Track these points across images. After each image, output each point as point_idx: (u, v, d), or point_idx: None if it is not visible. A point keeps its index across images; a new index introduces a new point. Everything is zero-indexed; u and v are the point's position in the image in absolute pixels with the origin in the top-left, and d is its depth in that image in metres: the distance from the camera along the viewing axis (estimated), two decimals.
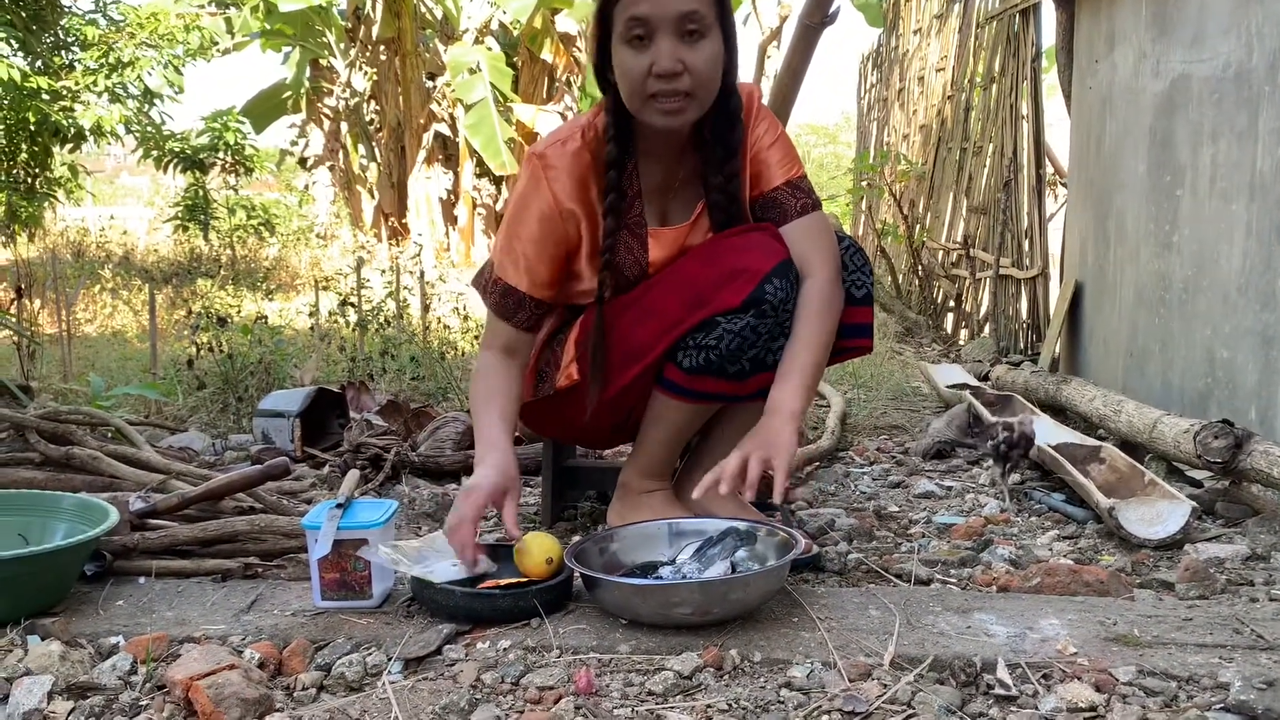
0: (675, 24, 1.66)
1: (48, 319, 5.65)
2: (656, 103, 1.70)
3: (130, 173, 27.87)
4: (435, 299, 5.52)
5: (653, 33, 1.67)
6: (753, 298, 1.74)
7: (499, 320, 1.84)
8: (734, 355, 1.79)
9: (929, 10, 7.20)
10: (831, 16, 3.47)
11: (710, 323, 1.77)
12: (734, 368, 1.80)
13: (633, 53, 1.69)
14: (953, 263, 6.05)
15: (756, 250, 1.78)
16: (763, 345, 1.79)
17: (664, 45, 1.67)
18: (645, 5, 1.66)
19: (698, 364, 1.79)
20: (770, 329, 1.78)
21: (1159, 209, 3.15)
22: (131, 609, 1.62)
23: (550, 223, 1.80)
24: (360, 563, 1.59)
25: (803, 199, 1.85)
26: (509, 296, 1.83)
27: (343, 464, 2.60)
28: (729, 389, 1.84)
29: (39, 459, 2.31)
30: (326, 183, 12.49)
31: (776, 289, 1.75)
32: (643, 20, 1.67)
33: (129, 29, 11.27)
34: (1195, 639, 1.48)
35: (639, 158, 1.83)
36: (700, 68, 1.69)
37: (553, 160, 1.79)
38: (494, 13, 10.71)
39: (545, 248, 1.81)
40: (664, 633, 1.49)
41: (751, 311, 1.75)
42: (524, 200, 1.82)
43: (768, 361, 1.81)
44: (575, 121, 1.86)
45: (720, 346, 1.77)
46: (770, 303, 1.75)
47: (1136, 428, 2.62)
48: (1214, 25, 2.84)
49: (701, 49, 1.69)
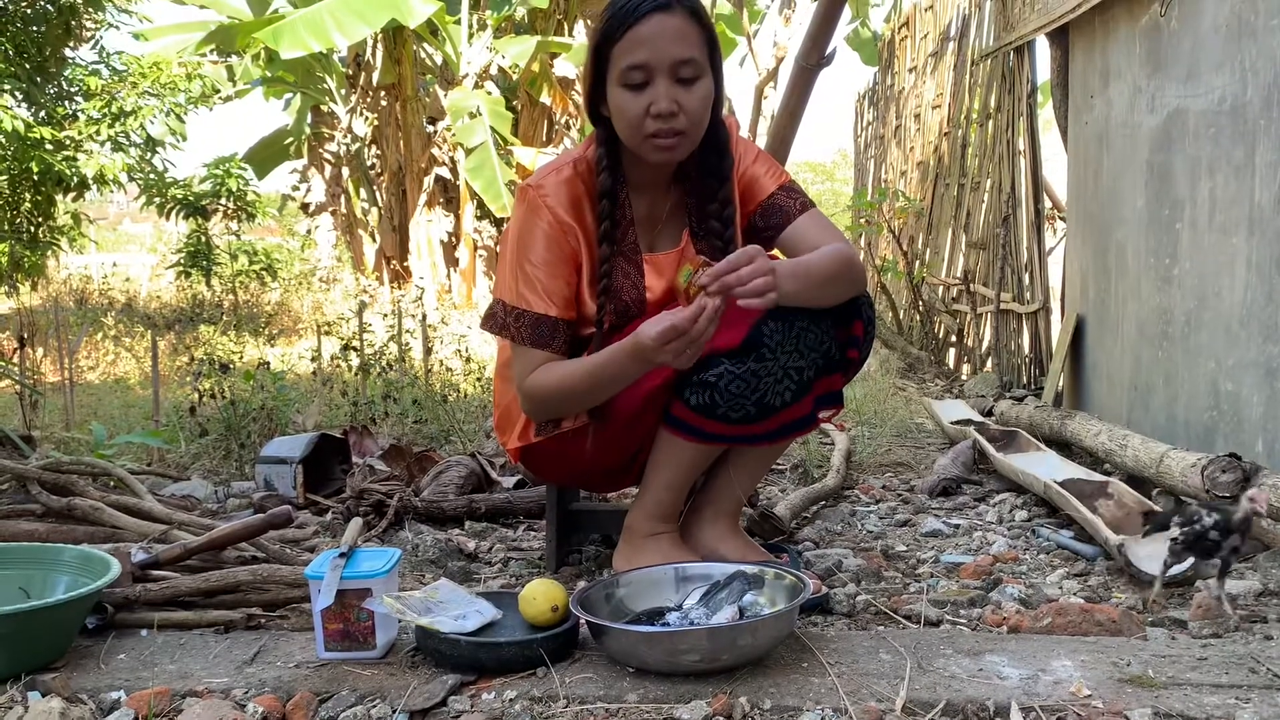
0: (671, 69, 1.75)
1: (50, 367, 5.66)
2: (653, 140, 1.78)
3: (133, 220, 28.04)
4: (437, 342, 5.52)
5: (650, 77, 1.75)
6: (750, 340, 1.75)
7: (535, 350, 1.84)
8: (739, 399, 1.78)
9: (924, 48, 7.26)
10: (828, 58, 3.50)
11: (712, 359, 1.77)
12: (738, 412, 1.80)
13: (631, 95, 1.77)
14: (953, 298, 6.05)
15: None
16: (768, 388, 1.79)
17: (661, 88, 1.75)
18: (644, 53, 1.74)
19: (705, 402, 1.79)
20: (773, 370, 1.78)
21: (1159, 242, 3.16)
22: (133, 663, 1.61)
23: (557, 242, 1.85)
24: (364, 613, 1.57)
25: (800, 198, 1.94)
26: (541, 324, 1.84)
27: (346, 510, 2.58)
28: (738, 431, 1.84)
29: (40, 510, 2.29)
30: (329, 227, 12.56)
31: (773, 330, 1.75)
32: (641, 66, 1.75)
33: (131, 79, 11.38)
34: (1211, 679, 1.46)
35: (629, 189, 1.90)
36: (694, 109, 1.78)
37: (548, 189, 1.85)
38: (493, 58, 10.81)
39: (558, 268, 1.85)
40: (672, 681, 1.47)
41: (753, 355, 1.76)
42: (526, 228, 1.85)
43: (776, 404, 1.81)
44: (566, 155, 1.92)
45: (722, 386, 1.77)
46: (768, 345, 1.75)
47: (1143, 462, 2.61)
48: (1207, 60, 2.86)
49: (695, 91, 1.78)
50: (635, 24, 1.74)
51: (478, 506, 2.63)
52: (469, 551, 2.36)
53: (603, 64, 1.80)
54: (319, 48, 8.76)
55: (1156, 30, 3.17)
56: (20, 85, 10.46)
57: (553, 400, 1.85)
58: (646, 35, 1.74)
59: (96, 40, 11.79)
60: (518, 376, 1.88)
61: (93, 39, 11.69)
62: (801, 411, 1.86)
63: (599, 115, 1.86)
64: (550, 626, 1.57)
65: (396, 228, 11.73)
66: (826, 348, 1.83)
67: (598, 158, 1.86)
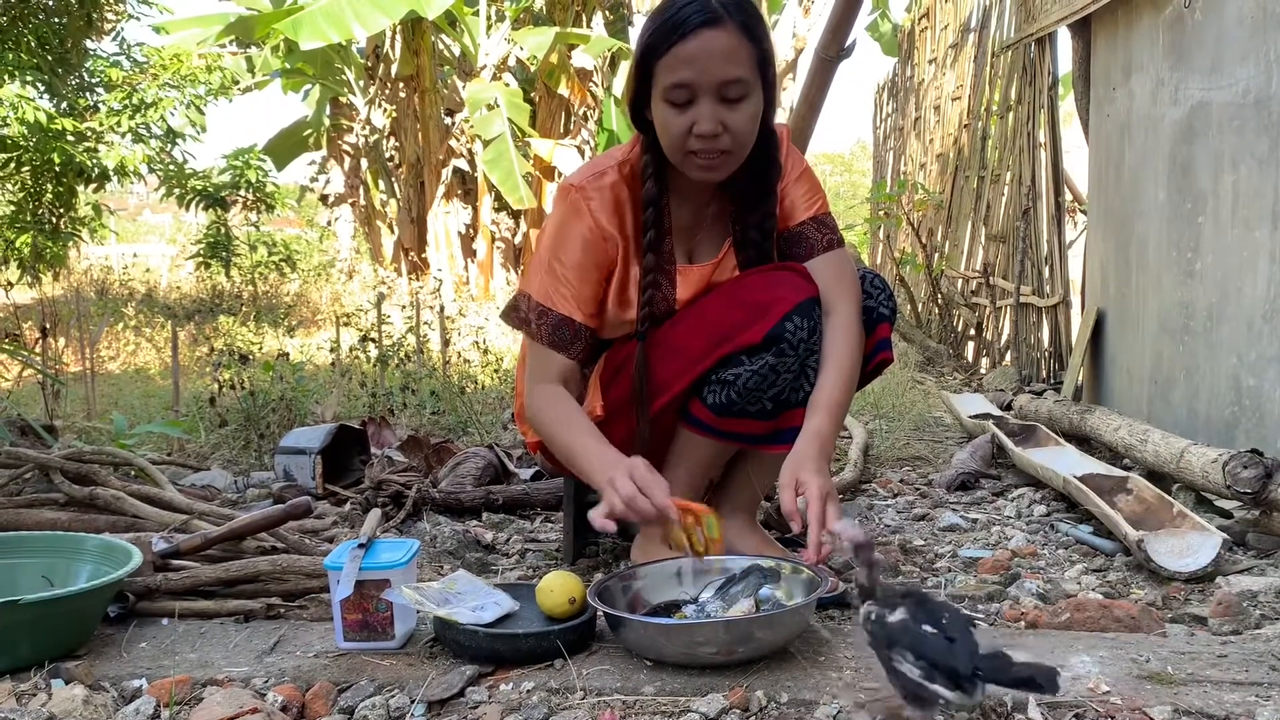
0: (717, 89, 1.68)
1: (72, 357, 5.70)
2: (695, 159, 1.73)
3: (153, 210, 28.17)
4: (455, 333, 5.54)
5: (695, 96, 1.68)
6: (772, 335, 1.74)
7: (553, 352, 1.83)
8: (755, 393, 1.78)
9: (944, 40, 7.22)
10: (848, 49, 3.48)
11: (733, 359, 1.77)
12: (755, 406, 1.80)
13: (675, 112, 1.70)
14: (973, 291, 6.02)
15: (781, 287, 1.78)
16: (785, 384, 1.79)
17: (705, 108, 1.68)
18: (689, 72, 1.67)
19: (721, 401, 1.79)
20: (792, 367, 1.77)
21: (1180, 236, 3.13)
22: (154, 651, 1.62)
23: (594, 248, 1.82)
24: (383, 604, 1.58)
25: (827, 235, 1.86)
26: (564, 328, 1.83)
27: (364, 501, 2.60)
28: (755, 428, 1.84)
29: (63, 499, 2.32)
30: (348, 219, 12.59)
31: (797, 327, 1.75)
32: (686, 85, 1.68)
33: (152, 70, 11.44)
34: (1231, 676, 1.45)
35: (670, 195, 1.85)
36: (740, 128, 1.71)
37: (591, 191, 1.82)
38: (511, 49, 10.80)
39: (589, 273, 1.83)
40: (689, 673, 1.47)
41: (772, 350, 1.75)
42: (565, 229, 1.83)
43: (793, 400, 1.81)
44: (609, 156, 1.87)
45: (740, 384, 1.77)
46: (790, 341, 1.75)
47: (1163, 458, 2.59)
48: (1231, 52, 2.83)
49: (742, 110, 1.70)
50: (681, 40, 1.66)
51: (495, 498, 2.64)
52: (486, 543, 2.37)
53: (647, 75, 1.73)
54: (338, 39, 8.77)
55: (1180, 22, 3.14)
56: (42, 77, 10.54)
57: (541, 429, 1.87)
58: (692, 53, 1.66)
59: (118, 32, 11.87)
60: (529, 375, 1.88)
61: (114, 31, 11.75)
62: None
63: (644, 120, 1.80)
64: (567, 618, 1.58)
65: (415, 219, 11.75)
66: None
67: (643, 165, 1.82)
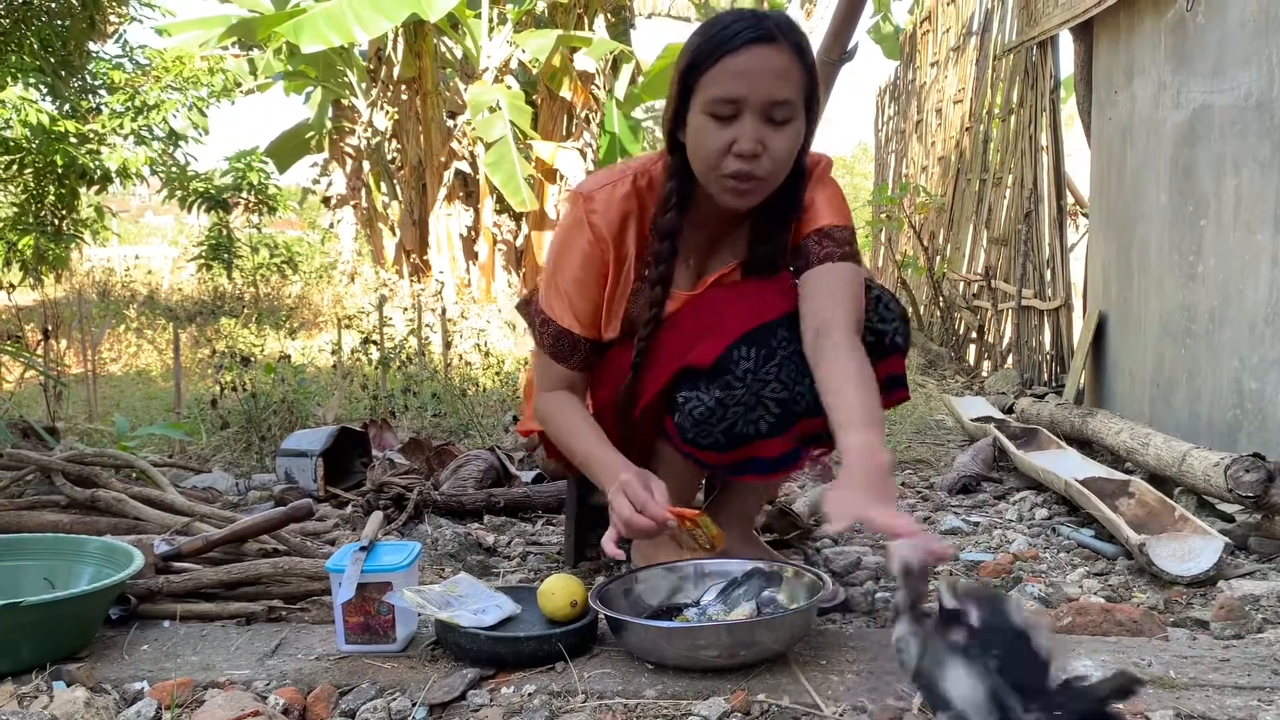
0: (764, 109, 1.61)
1: (74, 358, 5.71)
2: (729, 181, 1.65)
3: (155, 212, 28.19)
4: (456, 336, 5.54)
5: (740, 112, 1.61)
6: (719, 363, 1.68)
7: (554, 363, 1.83)
8: (705, 426, 1.72)
9: (946, 42, 7.22)
10: (850, 52, 3.47)
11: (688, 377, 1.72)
12: (708, 439, 1.73)
13: (715, 125, 1.63)
14: (974, 294, 6.02)
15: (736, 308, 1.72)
16: (736, 417, 1.71)
17: (748, 126, 1.61)
18: (739, 86, 1.60)
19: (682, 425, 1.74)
20: (742, 399, 1.69)
21: (1183, 239, 3.13)
22: (156, 653, 1.62)
23: (593, 261, 1.79)
24: (384, 606, 1.58)
25: (829, 248, 1.75)
26: (563, 339, 1.82)
27: (366, 503, 2.60)
28: (714, 459, 1.77)
29: (65, 501, 2.32)
30: (350, 221, 12.60)
31: (743, 356, 1.68)
32: (733, 100, 1.61)
33: (155, 73, 11.45)
34: (1233, 680, 1.45)
35: (688, 224, 1.79)
36: (780, 153, 1.64)
37: (598, 204, 1.77)
38: (513, 52, 10.80)
39: (588, 288, 1.81)
40: (690, 676, 1.47)
41: (718, 382, 1.69)
42: (567, 241, 1.81)
43: (749, 433, 1.72)
44: (627, 165, 1.83)
45: (691, 411, 1.71)
46: (734, 373, 1.68)
47: (1165, 461, 2.59)
48: (1233, 56, 2.83)
49: (784, 133, 1.64)
50: (732, 53, 1.60)
51: (496, 501, 2.64)
52: (488, 546, 2.37)
53: (688, 90, 1.65)
54: (340, 42, 8.78)
55: (1182, 25, 3.14)
56: (45, 79, 10.55)
57: (550, 431, 1.87)
58: (744, 68, 1.59)
59: (120, 35, 11.87)
60: (536, 379, 1.89)
61: (116, 33, 11.76)
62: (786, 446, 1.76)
63: (676, 141, 1.72)
64: (569, 621, 1.58)
65: (416, 222, 11.75)
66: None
67: (667, 192, 1.75)
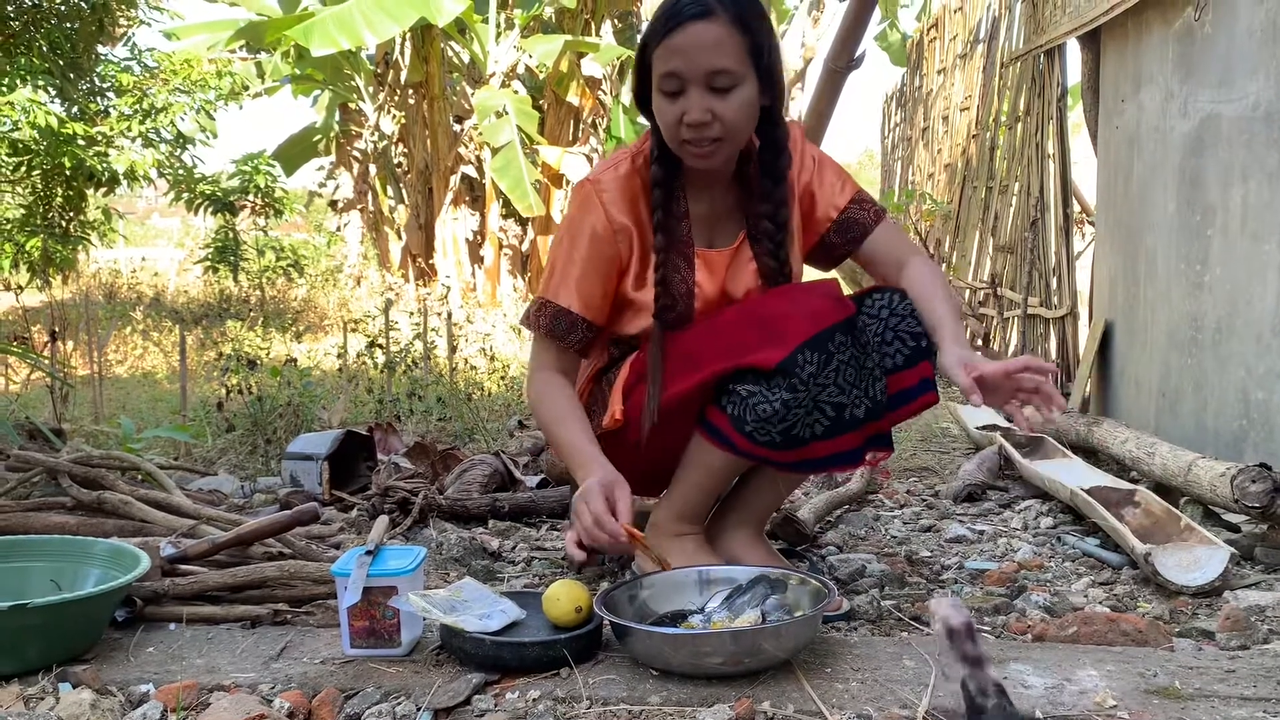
0: (704, 79, 1.74)
1: (80, 360, 5.72)
2: (689, 148, 1.79)
3: (161, 215, 28.25)
4: (462, 340, 5.55)
5: (684, 86, 1.75)
6: (784, 366, 1.72)
7: (550, 340, 1.88)
8: (766, 423, 1.76)
9: (953, 50, 7.23)
10: (857, 60, 3.48)
11: (746, 374, 1.76)
12: (764, 437, 1.77)
13: (667, 102, 1.77)
14: (980, 302, 6.02)
15: (799, 313, 1.76)
16: (796, 419, 1.76)
17: (694, 98, 1.75)
18: (677, 61, 1.74)
19: (737, 414, 1.78)
20: (803, 402, 1.74)
21: (1190, 248, 3.13)
22: (162, 656, 1.62)
23: (603, 242, 1.85)
24: (389, 611, 1.58)
25: (872, 208, 1.95)
26: (561, 318, 1.86)
27: (371, 507, 2.60)
28: (766, 454, 1.81)
29: (71, 503, 2.32)
30: (357, 224, 12.63)
31: (807, 360, 1.72)
32: (675, 75, 1.75)
33: (163, 75, 11.48)
34: (1239, 692, 1.45)
35: (686, 184, 1.89)
36: (730, 117, 1.76)
37: (605, 184, 1.87)
38: (520, 57, 10.84)
39: (597, 266, 1.86)
40: (695, 683, 1.47)
41: (785, 385, 1.73)
42: (576, 222, 1.87)
43: (805, 435, 1.78)
44: (625, 150, 1.93)
45: (754, 406, 1.76)
46: (799, 376, 1.72)
47: (1171, 471, 2.58)
48: (1241, 65, 2.83)
49: (731, 99, 1.76)
50: (671, 32, 1.73)
51: (501, 505, 2.64)
52: (493, 550, 2.37)
53: (646, 66, 1.81)
54: (348, 45, 8.81)
55: (1190, 34, 3.14)
56: (54, 82, 10.57)
57: (535, 414, 1.93)
58: (680, 45, 1.73)
59: (129, 38, 11.90)
60: (531, 362, 1.94)
61: (125, 36, 11.79)
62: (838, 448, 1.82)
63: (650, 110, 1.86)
64: (574, 627, 1.58)
65: (423, 226, 11.78)
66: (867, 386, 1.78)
67: (651, 148, 1.87)
